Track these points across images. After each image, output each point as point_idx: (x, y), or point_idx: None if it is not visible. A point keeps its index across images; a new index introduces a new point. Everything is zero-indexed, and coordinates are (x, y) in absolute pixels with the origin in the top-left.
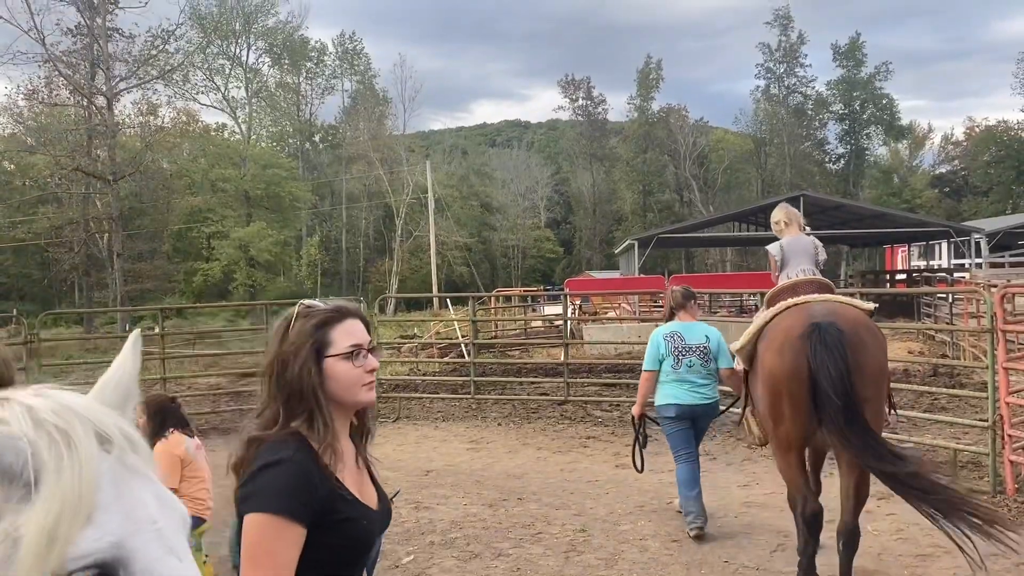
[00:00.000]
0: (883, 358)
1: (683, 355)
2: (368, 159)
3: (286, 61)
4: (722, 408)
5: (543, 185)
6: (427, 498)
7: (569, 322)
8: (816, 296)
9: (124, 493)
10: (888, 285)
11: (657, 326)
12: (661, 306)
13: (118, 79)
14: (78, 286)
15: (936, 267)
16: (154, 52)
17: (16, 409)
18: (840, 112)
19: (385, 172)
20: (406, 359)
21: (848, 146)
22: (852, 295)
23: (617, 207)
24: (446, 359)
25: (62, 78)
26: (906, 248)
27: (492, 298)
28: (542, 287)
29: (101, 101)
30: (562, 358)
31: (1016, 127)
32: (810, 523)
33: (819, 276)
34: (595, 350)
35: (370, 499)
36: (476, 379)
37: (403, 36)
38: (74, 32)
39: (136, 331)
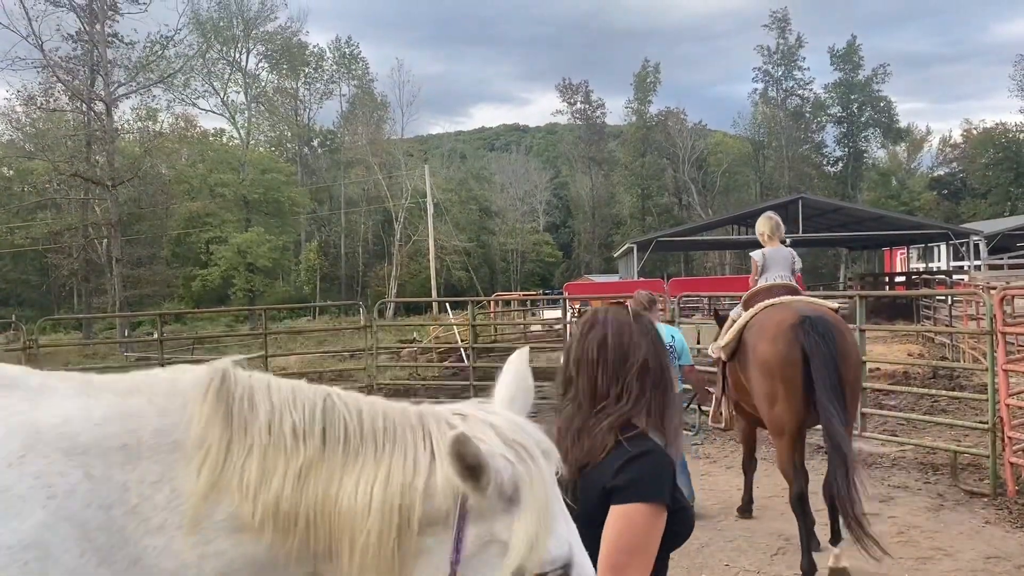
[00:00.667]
0: (858, 350)
1: None
2: (367, 164)
3: (285, 66)
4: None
5: (542, 189)
6: None
7: (568, 326)
8: (792, 297)
9: (560, 501)
10: (887, 287)
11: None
12: (661, 309)
13: (117, 84)
14: (77, 292)
15: (935, 269)
16: (153, 58)
17: (483, 428)
18: (838, 115)
19: (384, 177)
20: (405, 363)
21: (846, 149)
22: (851, 298)
23: (616, 211)
24: (446, 363)
25: (61, 84)
26: (905, 250)
27: (491, 302)
28: (541, 291)
29: (100, 106)
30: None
31: (1014, 129)
32: (795, 506)
33: (791, 282)
34: None
35: None
36: (476, 383)
37: (403, 40)
38: (74, 38)
39: (525, 348)
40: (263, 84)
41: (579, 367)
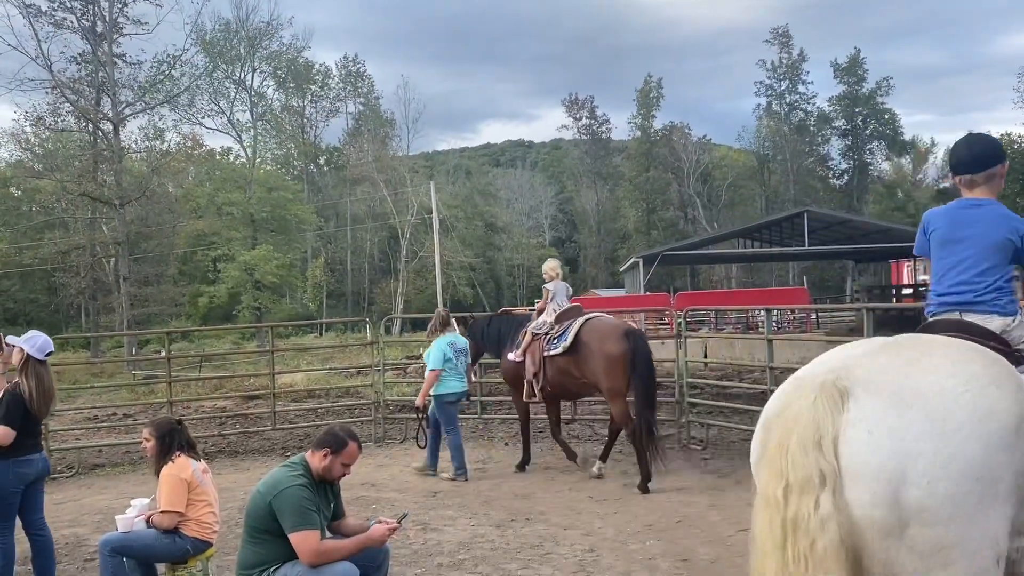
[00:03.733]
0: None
1: (459, 356)
2: (372, 180)
3: (291, 84)
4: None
5: (547, 204)
6: (434, 519)
7: None
8: (598, 312)
9: None
10: (895, 300)
11: (663, 343)
12: (667, 323)
13: (124, 104)
14: (84, 310)
15: None
16: (160, 78)
17: None
18: (842, 128)
19: (389, 193)
20: (412, 380)
21: (851, 161)
22: (858, 311)
23: (621, 225)
24: None
25: (68, 104)
26: (912, 262)
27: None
28: None
29: (107, 126)
30: None
31: (1019, 140)
32: (637, 438)
33: (575, 303)
34: None
35: None
36: (482, 399)
37: (412, 58)
38: (79, 59)
39: None
40: (269, 103)
41: None
